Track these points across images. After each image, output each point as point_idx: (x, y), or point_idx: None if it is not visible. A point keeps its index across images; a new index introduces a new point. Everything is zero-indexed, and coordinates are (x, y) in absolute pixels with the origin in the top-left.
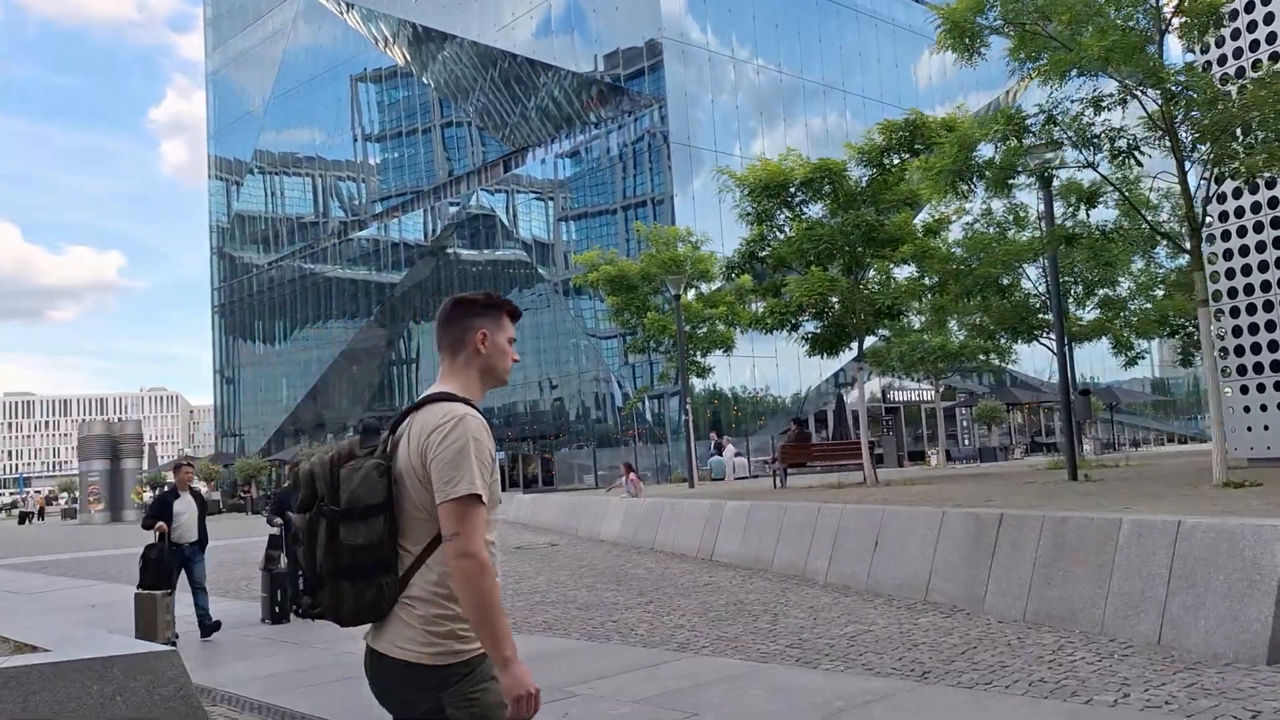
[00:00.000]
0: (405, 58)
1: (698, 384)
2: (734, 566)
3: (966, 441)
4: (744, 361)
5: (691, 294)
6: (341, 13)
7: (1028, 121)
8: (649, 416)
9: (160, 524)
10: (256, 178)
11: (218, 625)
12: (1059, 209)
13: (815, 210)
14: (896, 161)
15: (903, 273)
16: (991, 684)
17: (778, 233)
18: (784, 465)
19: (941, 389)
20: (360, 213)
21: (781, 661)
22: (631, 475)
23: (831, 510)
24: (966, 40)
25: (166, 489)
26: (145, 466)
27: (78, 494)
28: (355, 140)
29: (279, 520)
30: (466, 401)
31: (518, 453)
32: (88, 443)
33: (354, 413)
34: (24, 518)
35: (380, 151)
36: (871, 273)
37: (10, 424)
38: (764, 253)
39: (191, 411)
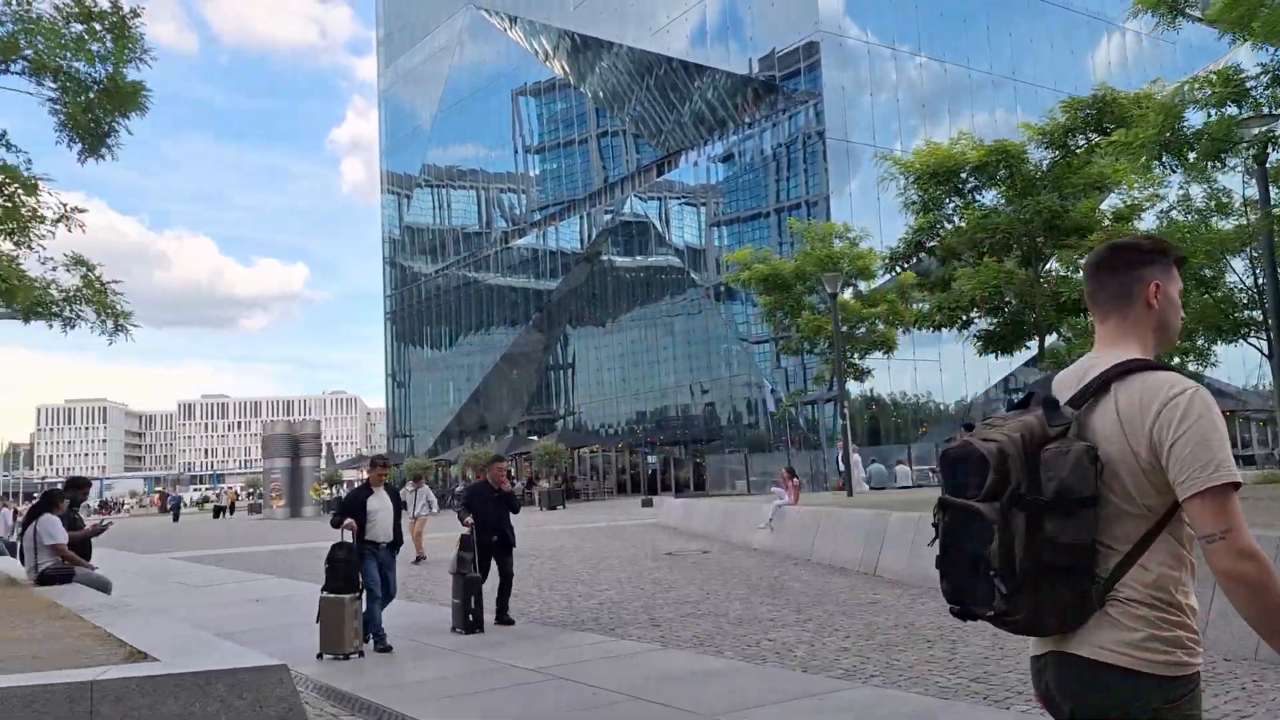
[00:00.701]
0: (564, 69)
1: (855, 389)
2: (900, 584)
3: None
4: (904, 365)
5: (849, 293)
6: (505, 29)
7: (1248, 84)
8: (802, 422)
9: (350, 522)
10: (425, 191)
11: (389, 648)
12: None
13: (988, 198)
14: (1082, 143)
15: None
16: None
17: (945, 223)
18: None
19: None
20: (520, 222)
21: (967, 698)
22: (793, 481)
23: None
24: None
25: (359, 485)
26: (323, 465)
27: (262, 490)
28: (516, 152)
29: (470, 519)
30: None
31: (669, 457)
32: (271, 441)
33: (514, 415)
34: (218, 512)
35: (539, 162)
36: (1052, 264)
37: (206, 424)
38: (931, 243)
39: (368, 413)
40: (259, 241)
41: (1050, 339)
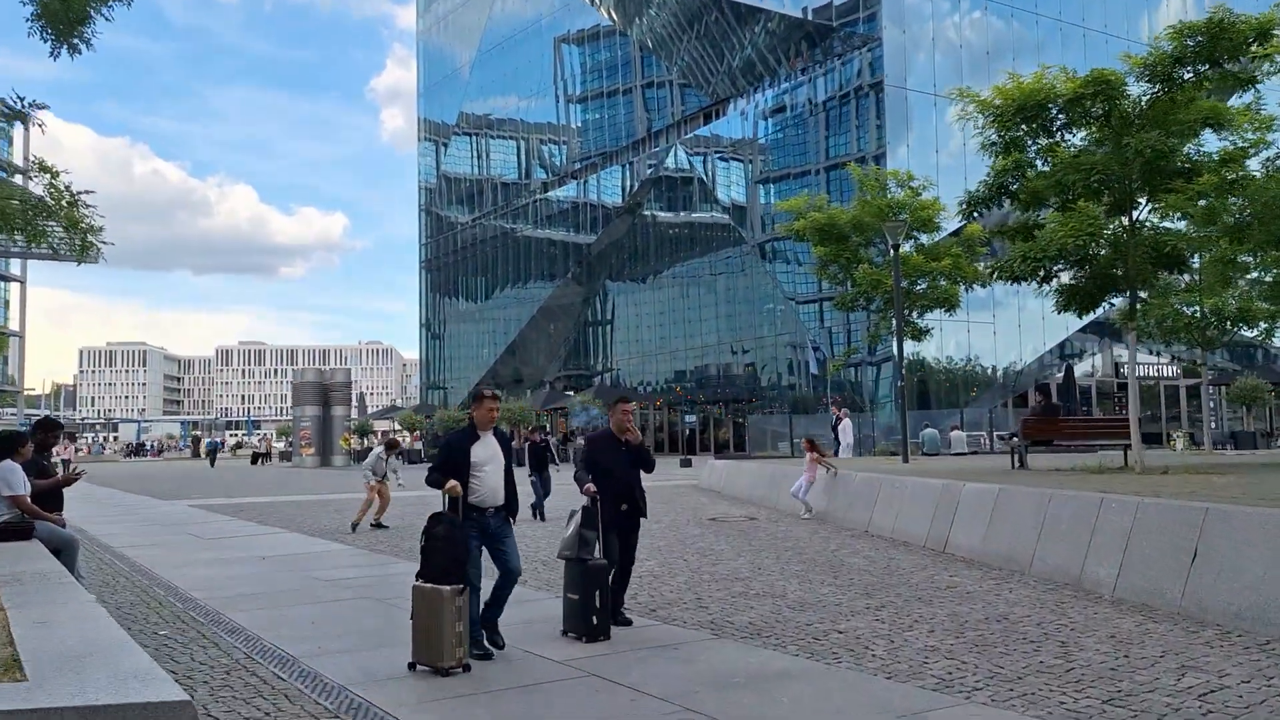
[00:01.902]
0: (612, 15)
1: (907, 349)
2: (976, 564)
3: (1214, 424)
4: (956, 327)
5: (909, 246)
6: None
7: None
8: (847, 384)
9: (454, 484)
10: (462, 139)
11: (488, 654)
12: None
13: (1075, 139)
14: (1189, 76)
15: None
16: None
17: (1029, 166)
18: (1026, 442)
19: (1184, 364)
20: (559, 172)
21: None
22: (812, 455)
23: (1121, 503)
24: None
25: (459, 429)
26: (354, 414)
27: (292, 438)
28: (557, 101)
29: (593, 486)
30: None
31: (708, 416)
32: (301, 389)
33: (550, 369)
34: (256, 458)
35: (581, 112)
36: (1145, 212)
37: (244, 370)
38: (1014, 186)
39: (404, 365)
40: (300, 189)
41: (1117, 300)
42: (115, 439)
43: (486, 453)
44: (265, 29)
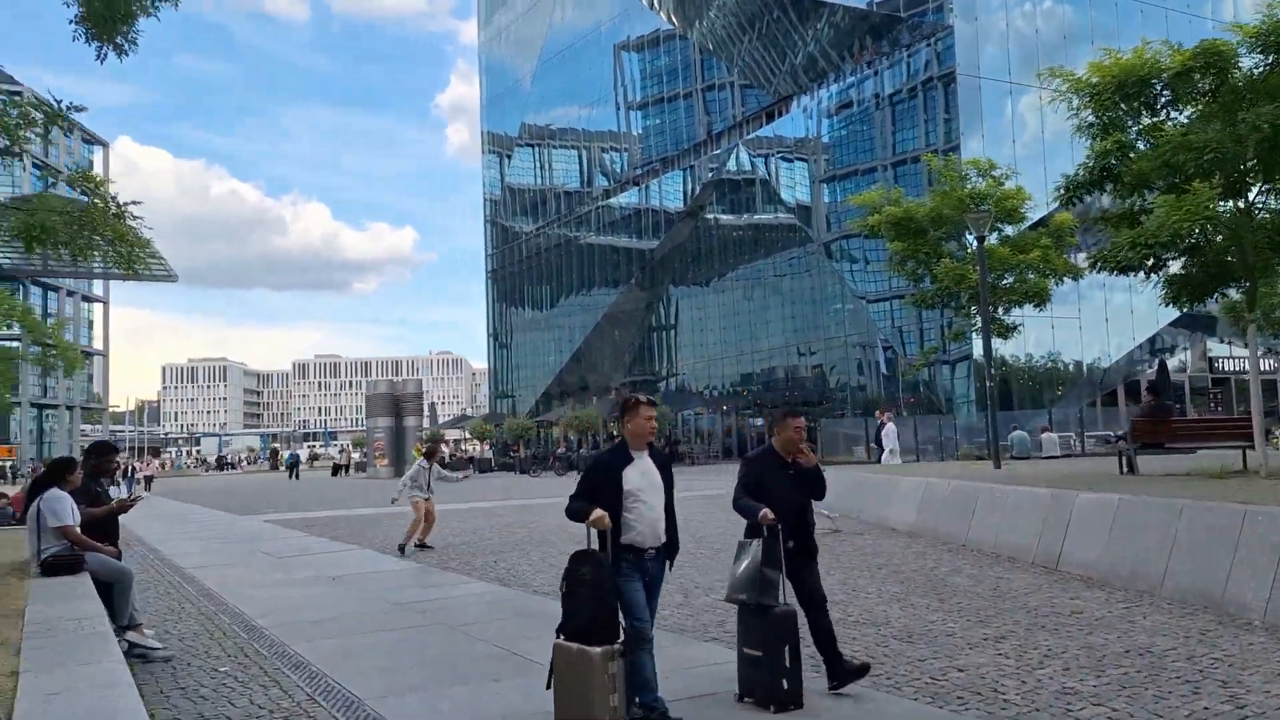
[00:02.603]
0: (672, 18)
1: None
2: (1096, 583)
3: None
4: (1039, 323)
5: (993, 238)
6: None
7: None
8: (920, 385)
9: (601, 514)
10: (525, 150)
11: None
12: None
13: (1181, 116)
14: None
15: None
16: None
17: (1129, 148)
18: (1136, 445)
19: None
20: (621, 179)
21: None
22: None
23: (1269, 517)
24: None
25: (609, 446)
26: (426, 424)
27: (366, 449)
28: (618, 108)
29: (769, 513)
30: None
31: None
32: (374, 401)
33: (615, 375)
34: (336, 469)
35: (642, 118)
36: (1262, 193)
37: (320, 383)
38: (1117, 169)
39: (474, 374)
40: (370, 205)
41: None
42: (197, 453)
43: (644, 478)
44: (332, 49)
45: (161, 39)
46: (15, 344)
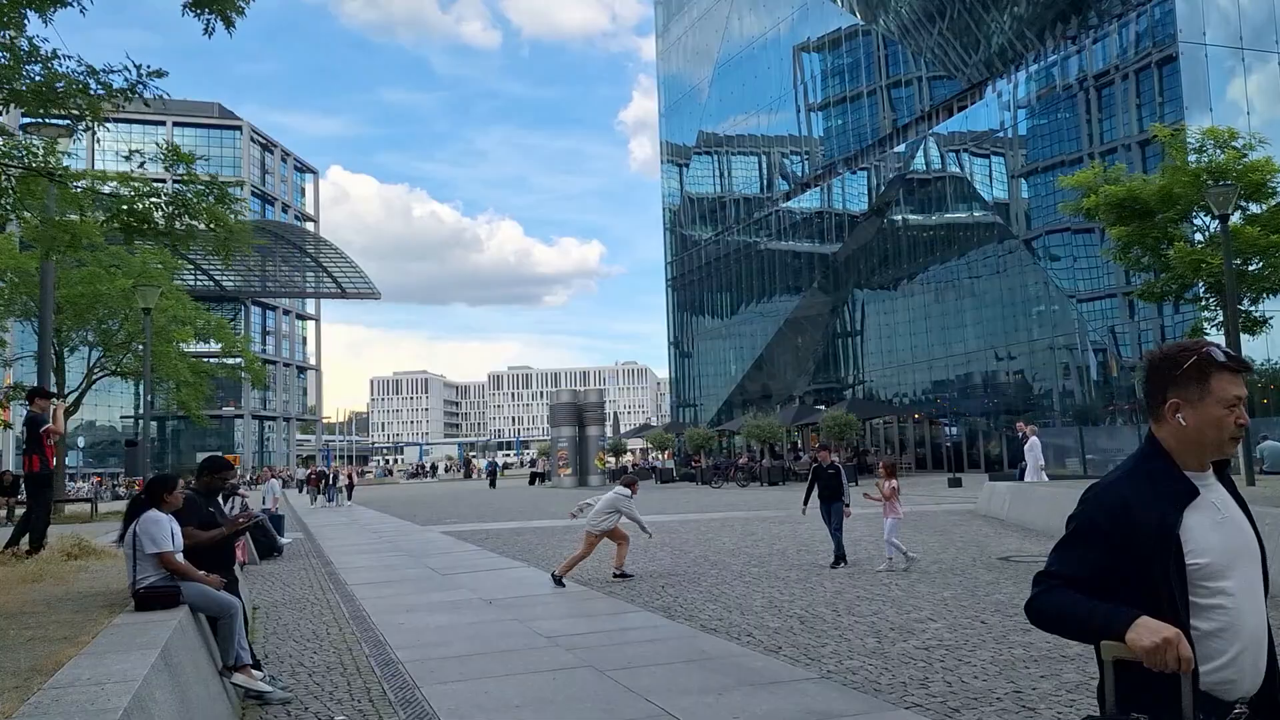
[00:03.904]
0: (855, 10)
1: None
2: None
3: None
4: None
5: (1236, 217)
6: None
7: None
8: (1137, 390)
9: (1168, 636)
10: (703, 158)
11: None
12: None
13: None
14: None
15: None
16: None
17: None
18: None
19: None
20: (802, 181)
21: None
22: (891, 482)
23: None
24: None
25: (1131, 467)
26: (609, 433)
27: (550, 459)
28: (798, 111)
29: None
30: None
31: (975, 428)
32: (557, 410)
33: (799, 383)
34: (534, 478)
35: (822, 119)
36: None
37: (513, 394)
38: None
39: (658, 384)
40: (558, 222)
41: None
42: (400, 461)
43: (1224, 534)
44: (522, 72)
45: (367, 74)
46: (236, 360)
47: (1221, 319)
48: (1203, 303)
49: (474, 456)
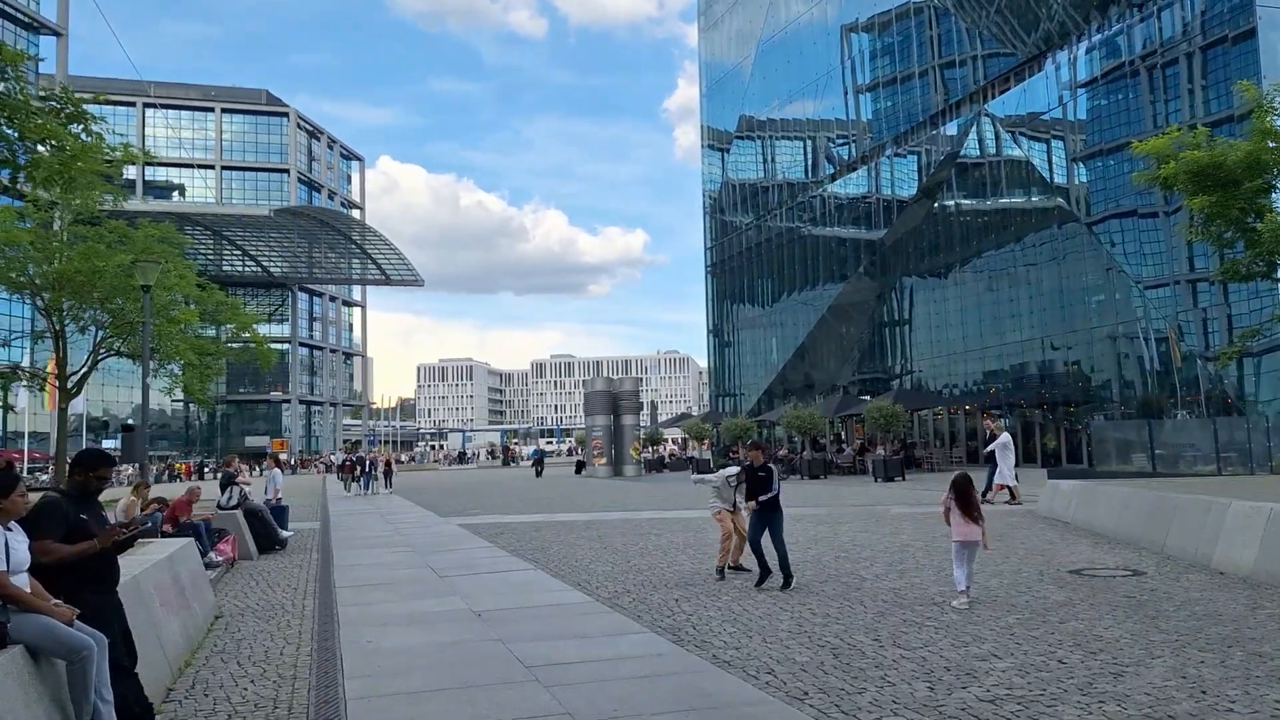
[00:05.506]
0: None
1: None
2: None
3: None
4: None
5: None
6: None
7: None
8: (1204, 380)
9: None
10: (744, 143)
11: None
12: None
13: None
14: None
15: None
16: None
17: None
18: None
19: None
20: (848, 164)
21: None
22: (974, 509)
23: None
24: None
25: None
26: (645, 422)
27: (585, 448)
28: (846, 93)
29: None
30: None
31: (1029, 421)
32: (592, 399)
33: (843, 373)
34: (579, 466)
35: (871, 101)
36: None
37: (555, 381)
38: None
39: (700, 373)
40: (603, 211)
41: None
42: (444, 447)
43: None
44: (568, 61)
45: (418, 64)
46: (284, 346)
47: None
48: None
49: (515, 443)
